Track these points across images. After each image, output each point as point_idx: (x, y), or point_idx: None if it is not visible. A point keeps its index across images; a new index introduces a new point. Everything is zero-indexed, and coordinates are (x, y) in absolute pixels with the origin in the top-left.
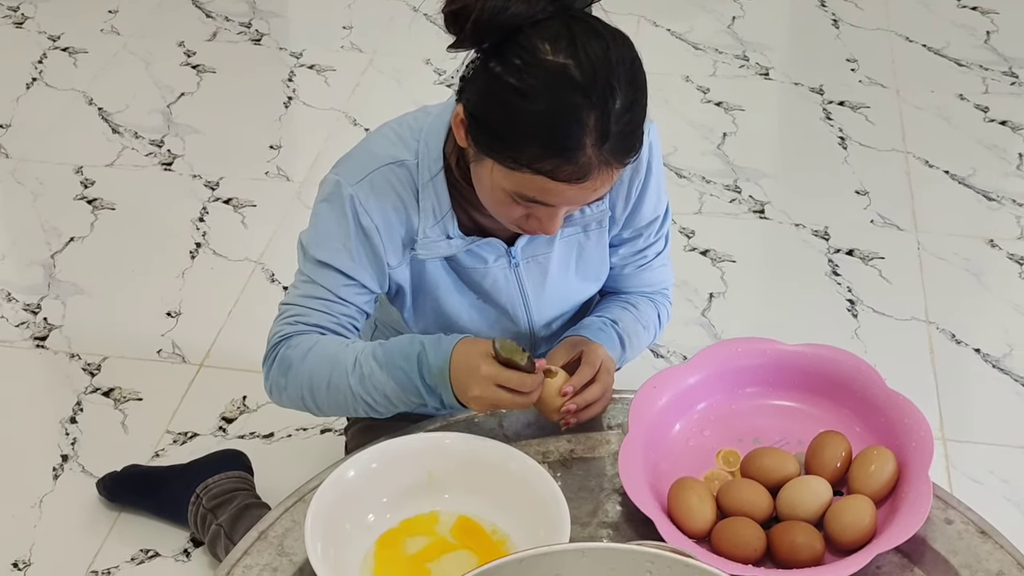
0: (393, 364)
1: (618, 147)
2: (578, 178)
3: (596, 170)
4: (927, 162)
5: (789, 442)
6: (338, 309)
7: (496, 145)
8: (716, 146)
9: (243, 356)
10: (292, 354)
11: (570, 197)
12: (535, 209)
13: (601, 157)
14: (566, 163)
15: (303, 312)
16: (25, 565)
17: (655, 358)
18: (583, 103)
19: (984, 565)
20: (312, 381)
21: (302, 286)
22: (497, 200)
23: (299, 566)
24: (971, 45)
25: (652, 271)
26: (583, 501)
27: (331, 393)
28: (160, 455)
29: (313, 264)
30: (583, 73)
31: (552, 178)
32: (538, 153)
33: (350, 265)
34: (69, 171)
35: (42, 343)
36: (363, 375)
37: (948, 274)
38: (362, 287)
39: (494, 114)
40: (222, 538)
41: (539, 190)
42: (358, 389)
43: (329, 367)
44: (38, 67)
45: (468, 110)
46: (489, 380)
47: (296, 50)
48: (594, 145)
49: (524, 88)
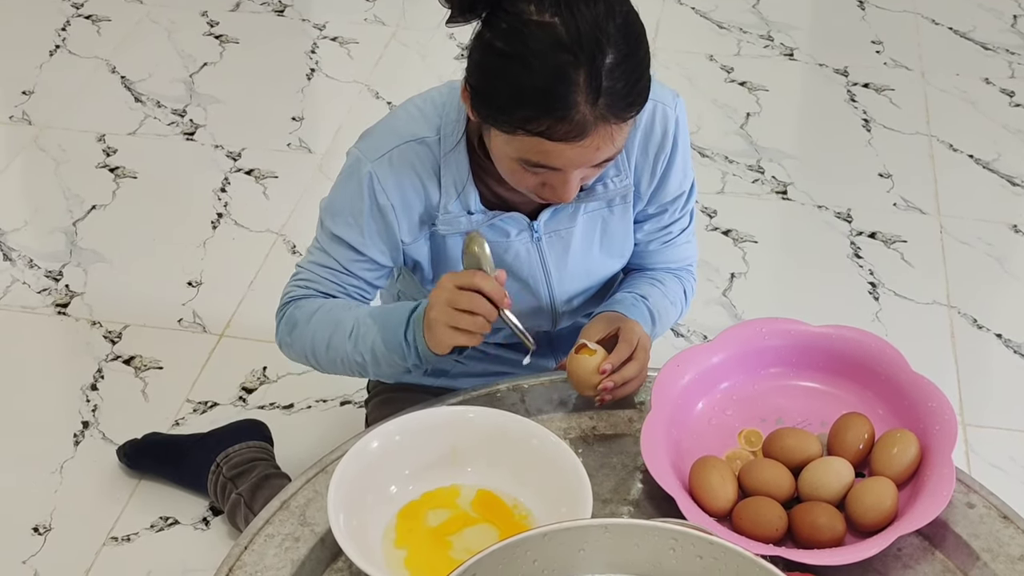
0: (385, 322)
1: (614, 103)
2: (575, 136)
3: (593, 127)
4: (951, 146)
5: (812, 423)
6: (347, 280)
7: (492, 111)
8: (739, 126)
9: (264, 327)
10: (298, 315)
11: (572, 158)
12: (546, 175)
13: (597, 113)
14: (559, 122)
15: (313, 279)
16: (46, 530)
17: (676, 337)
18: (570, 61)
19: (1006, 550)
20: (314, 342)
21: (316, 253)
22: (509, 169)
23: (320, 536)
24: (997, 29)
25: (677, 247)
26: (605, 478)
27: (331, 353)
28: (180, 424)
29: (327, 235)
30: (569, 31)
31: (548, 138)
32: (530, 115)
33: (360, 241)
34: (91, 139)
35: (64, 310)
36: (358, 335)
37: (970, 258)
38: (372, 263)
39: (487, 81)
40: (241, 507)
41: (539, 153)
42: (351, 349)
43: (330, 330)
44: (61, 34)
45: (468, 82)
46: (442, 283)
47: (319, 22)
48: (587, 102)
49: (511, 51)
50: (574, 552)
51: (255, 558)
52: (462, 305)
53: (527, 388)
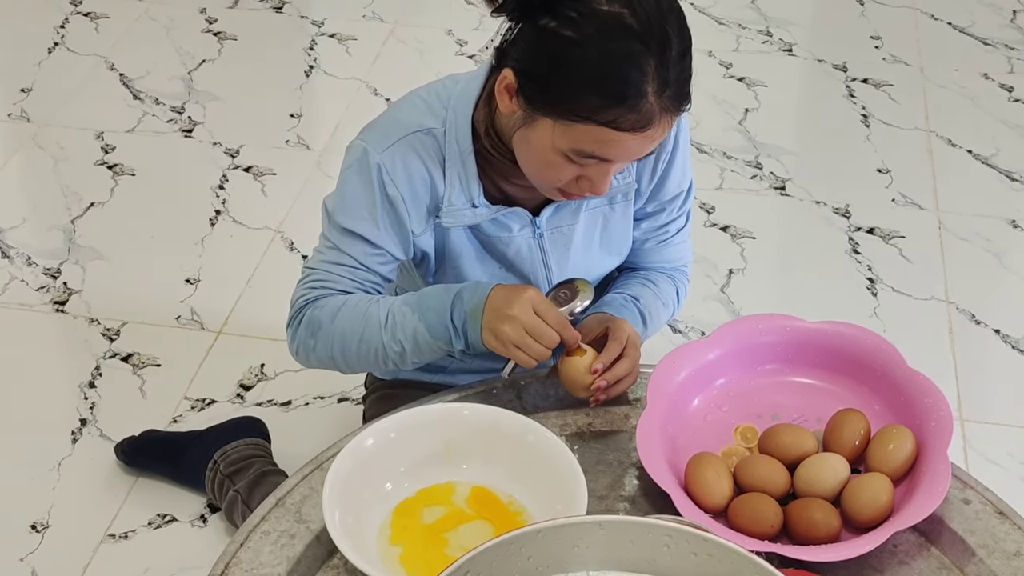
0: (426, 306)
1: (677, 93)
2: (642, 126)
3: (658, 118)
4: (950, 141)
5: (808, 419)
6: (363, 276)
7: (554, 99)
8: (738, 122)
9: (262, 324)
10: (320, 315)
11: (630, 148)
12: (589, 168)
13: (662, 104)
14: (629, 111)
15: (328, 278)
16: (43, 527)
17: (673, 334)
18: (641, 50)
19: (1001, 545)
20: (344, 339)
21: (327, 252)
22: (548, 163)
23: (316, 533)
24: (997, 24)
25: (672, 247)
26: (600, 474)
27: (362, 348)
28: (178, 421)
29: (338, 231)
30: (639, 21)
31: (616, 128)
32: (600, 103)
33: (376, 234)
34: (90, 136)
35: (62, 308)
36: (395, 324)
37: (969, 254)
38: (387, 255)
39: (550, 68)
40: (239, 504)
41: (600, 143)
42: (388, 340)
43: (362, 323)
44: (60, 32)
45: (517, 70)
46: (530, 302)
47: (317, 19)
48: (655, 92)
49: (581, 39)
50: (568, 548)
51: (251, 555)
52: (536, 335)
53: (523, 385)
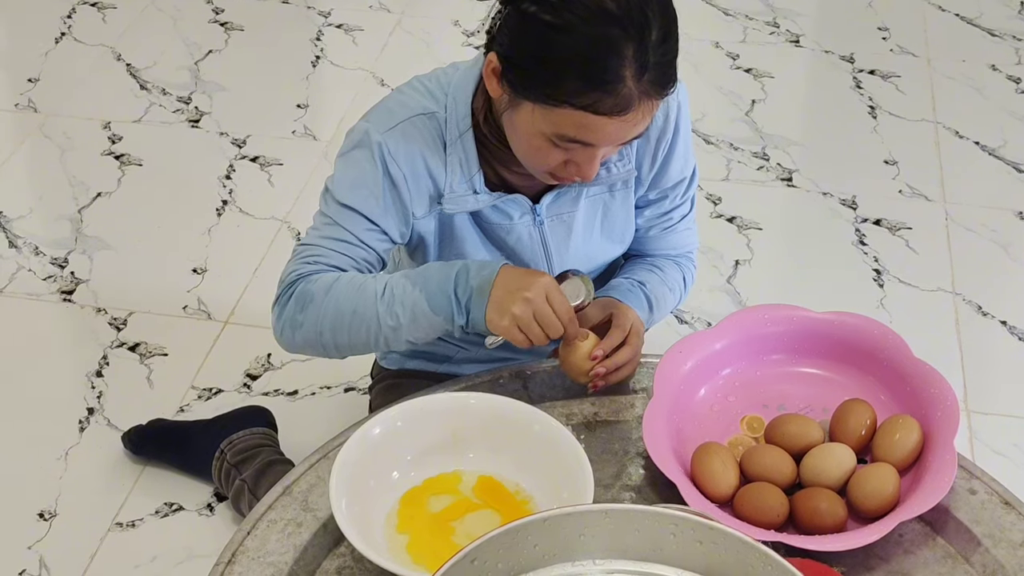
0: (427, 279)
1: (657, 78)
2: (620, 111)
3: (637, 102)
4: (957, 132)
5: (814, 409)
6: (359, 253)
7: (534, 83)
8: (745, 113)
9: (268, 314)
10: (314, 288)
11: (611, 132)
12: (574, 152)
13: (641, 88)
14: (606, 95)
15: (323, 253)
16: (51, 516)
17: (679, 324)
18: (620, 34)
19: (1007, 535)
20: (338, 312)
21: (324, 227)
22: (534, 147)
23: (323, 522)
24: (1004, 15)
25: (677, 234)
26: (606, 464)
27: (355, 322)
28: (185, 410)
29: (338, 207)
30: (618, 5)
31: (593, 112)
32: (578, 87)
33: (376, 211)
34: (97, 126)
35: (69, 297)
36: (393, 297)
37: (975, 245)
38: (384, 234)
39: (531, 52)
40: (246, 493)
41: (579, 127)
42: (383, 312)
43: (355, 297)
44: (67, 22)
45: (501, 55)
46: (545, 288)
47: (324, 9)
48: (634, 77)
49: (560, 23)
50: (575, 537)
51: (258, 543)
52: (543, 323)
53: (530, 374)
